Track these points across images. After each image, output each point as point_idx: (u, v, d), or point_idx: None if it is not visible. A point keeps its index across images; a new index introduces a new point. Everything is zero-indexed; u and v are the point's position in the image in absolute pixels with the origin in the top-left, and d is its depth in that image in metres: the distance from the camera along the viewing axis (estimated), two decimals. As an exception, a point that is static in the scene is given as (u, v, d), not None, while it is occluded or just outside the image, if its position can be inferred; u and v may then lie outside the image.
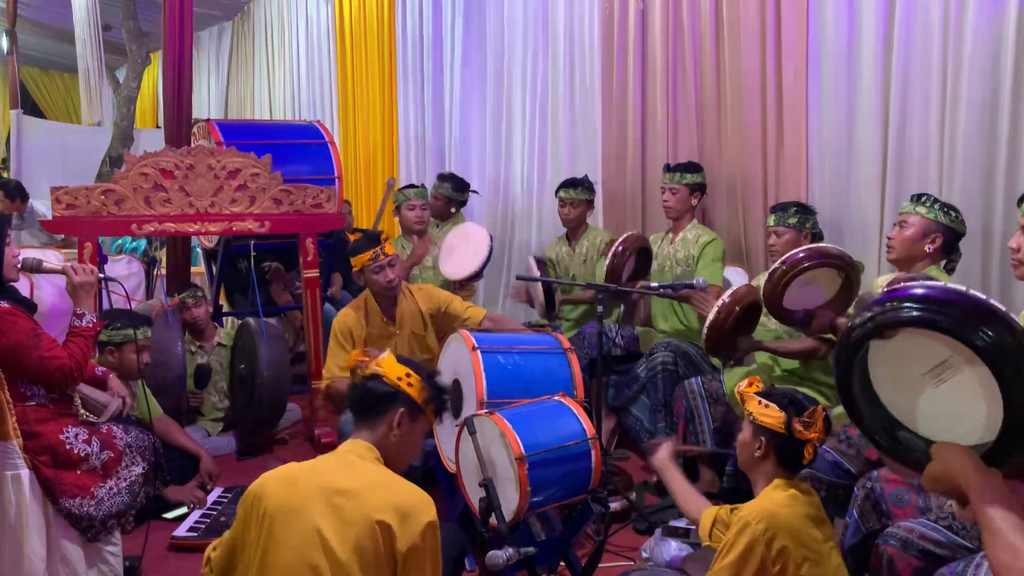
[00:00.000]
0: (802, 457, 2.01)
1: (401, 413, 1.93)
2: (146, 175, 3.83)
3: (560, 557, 2.71)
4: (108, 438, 2.71)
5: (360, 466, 1.85)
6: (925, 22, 3.38)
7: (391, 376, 1.95)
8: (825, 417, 2.04)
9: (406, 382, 1.95)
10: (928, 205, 2.81)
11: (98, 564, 2.65)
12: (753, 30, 4.03)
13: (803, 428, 2.00)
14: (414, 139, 6.72)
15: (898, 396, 1.44)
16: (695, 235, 3.99)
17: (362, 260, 3.44)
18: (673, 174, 4.02)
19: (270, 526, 1.75)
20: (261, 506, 1.78)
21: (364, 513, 1.72)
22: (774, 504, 1.98)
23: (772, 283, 2.89)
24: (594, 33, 4.96)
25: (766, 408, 2.05)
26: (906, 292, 1.37)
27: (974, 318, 1.29)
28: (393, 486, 1.82)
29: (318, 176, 4.66)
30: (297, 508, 1.75)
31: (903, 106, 3.49)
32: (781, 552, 1.90)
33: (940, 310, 1.32)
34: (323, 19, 7.77)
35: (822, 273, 2.88)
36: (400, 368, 1.97)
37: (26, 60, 11.57)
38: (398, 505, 1.75)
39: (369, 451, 1.89)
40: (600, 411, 3.41)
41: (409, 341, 3.55)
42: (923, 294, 1.35)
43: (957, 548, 1.98)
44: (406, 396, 1.94)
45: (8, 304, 2.51)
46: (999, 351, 1.26)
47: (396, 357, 2.00)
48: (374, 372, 1.96)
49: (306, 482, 1.80)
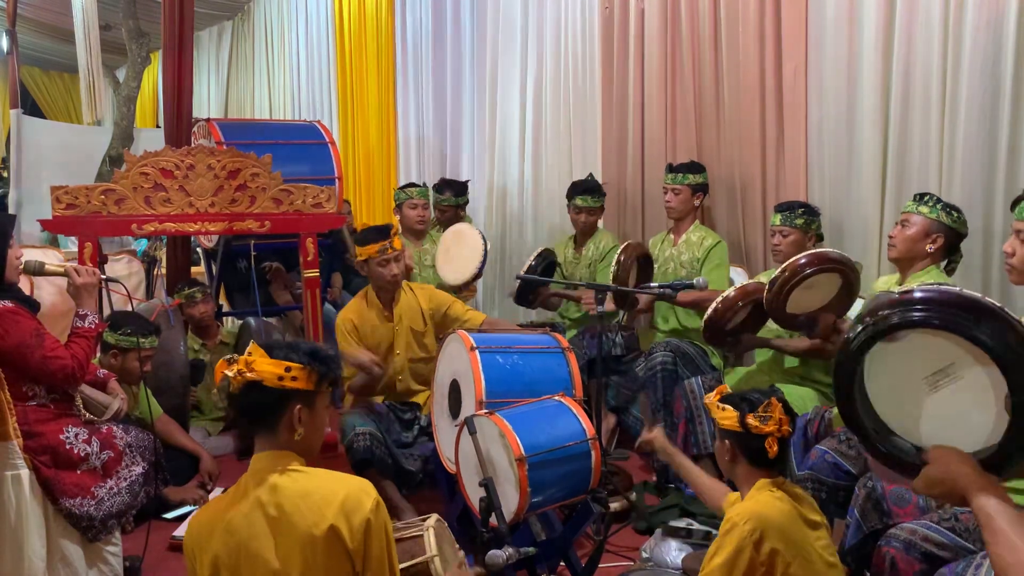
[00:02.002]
0: (766, 452, 2.02)
1: (298, 410, 1.73)
2: (146, 175, 3.82)
3: (560, 557, 2.71)
4: (108, 438, 2.71)
5: (282, 483, 1.69)
6: (925, 22, 3.38)
7: (271, 379, 1.69)
8: (786, 408, 2.05)
9: (289, 378, 1.70)
10: (931, 205, 2.81)
11: (98, 564, 2.66)
12: (753, 30, 4.03)
13: (758, 422, 2.02)
14: (413, 139, 6.72)
15: (893, 402, 1.45)
16: (699, 237, 3.97)
17: (369, 251, 3.42)
18: (676, 174, 4.00)
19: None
20: (206, 564, 1.69)
21: (308, 530, 1.64)
22: (759, 504, 1.99)
23: (775, 290, 2.91)
24: (594, 33, 4.96)
25: (723, 411, 2.09)
26: (910, 295, 1.38)
27: (979, 318, 1.30)
28: (321, 489, 1.69)
29: (318, 176, 4.66)
30: (245, 552, 1.67)
31: (903, 106, 3.49)
32: (769, 552, 1.90)
33: (949, 311, 1.33)
34: (323, 19, 7.77)
35: (823, 278, 2.90)
36: (276, 365, 1.70)
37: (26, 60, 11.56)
38: (336, 505, 1.66)
39: (281, 459, 1.73)
40: (600, 411, 3.41)
41: (407, 337, 3.55)
42: (925, 296, 1.36)
43: (960, 550, 1.98)
44: (295, 391, 1.72)
45: (11, 304, 2.52)
46: (1008, 350, 1.27)
47: (265, 347, 1.74)
48: (249, 380, 1.69)
49: (241, 522, 1.68)
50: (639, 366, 3.81)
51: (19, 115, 6.94)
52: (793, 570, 1.91)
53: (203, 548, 1.70)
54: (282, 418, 1.73)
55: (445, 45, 6.29)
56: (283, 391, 1.71)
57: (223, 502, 1.75)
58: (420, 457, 3.34)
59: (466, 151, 6.15)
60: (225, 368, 1.72)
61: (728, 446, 2.10)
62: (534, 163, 5.47)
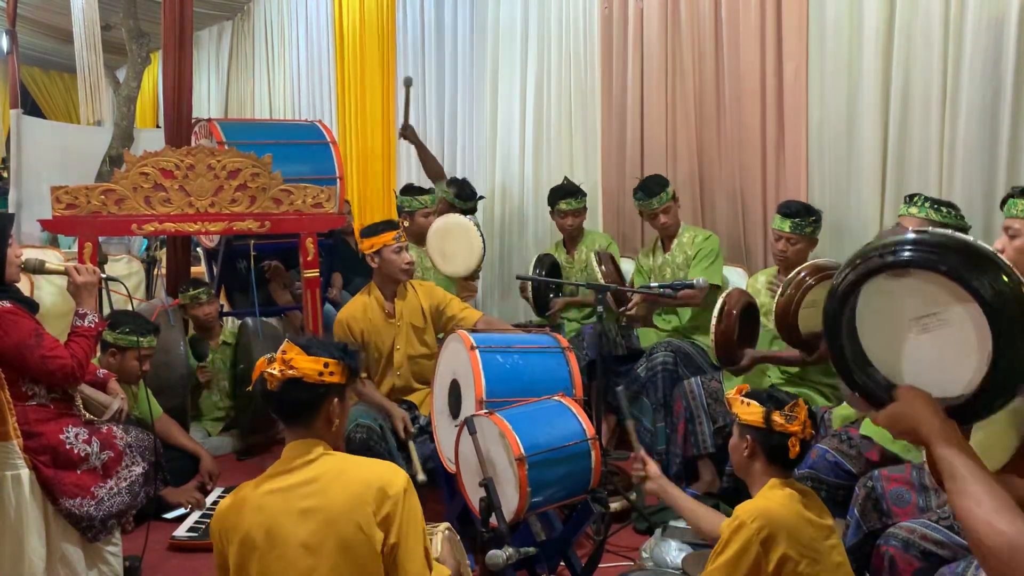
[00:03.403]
0: (788, 451, 2.00)
1: (335, 403, 1.84)
2: (146, 175, 3.82)
3: (560, 557, 2.71)
4: (108, 438, 2.71)
5: (318, 464, 1.78)
6: (926, 21, 3.38)
7: (312, 375, 1.78)
8: (809, 412, 2.04)
9: (328, 373, 1.79)
10: (919, 205, 2.81)
11: (98, 564, 2.66)
12: (753, 30, 4.03)
13: (784, 421, 2.00)
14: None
15: (879, 337, 1.45)
16: (690, 237, 3.98)
17: (384, 239, 3.44)
18: (659, 196, 3.89)
19: (252, 561, 1.72)
20: (235, 542, 1.74)
21: (341, 506, 1.71)
22: (769, 503, 1.98)
23: (784, 311, 2.93)
24: (594, 33, 4.95)
25: (748, 406, 2.07)
26: (906, 236, 1.38)
27: (974, 264, 1.30)
28: (355, 470, 1.78)
29: (319, 176, 4.65)
30: (277, 529, 1.72)
31: (903, 106, 3.49)
32: (776, 551, 1.90)
33: (939, 253, 1.33)
34: (323, 19, 7.76)
35: (820, 290, 2.93)
36: (315, 361, 1.79)
37: (26, 60, 11.54)
38: (370, 483, 1.73)
39: (315, 446, 1.81)
40: (600, 411, 3.41)
41: (408, 334, 3.55)
42: (919, 238, 1.36)
43: (958, 548, 1.98)
44: (332, 385, 1.82)
45: (10, 303, 2.52)
46: (999, 298, 1.27)
47: (302, 346, 1.81)
48: (291, 377, 1.78)
49: (273, 500, 1.75)
50: (640, 366, 3.81)
51: (19, 115, 6.93)
52: (802, 569, 1.91)
53: (234, 527, 1.75)
54: (320, 411, 1.82)
55: (445, 45, 6.29)
56: (322, 386, 1.79)
57: (253, 486, 1.81)
58: (421, 456, 3.34)
59: (466, 151, 6.15)
60: (266, 367, 1.79)
61: (749, 442, 2.07)
62: (534, 163, 5.47)
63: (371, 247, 3.48)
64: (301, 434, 1.83)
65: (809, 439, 2.05)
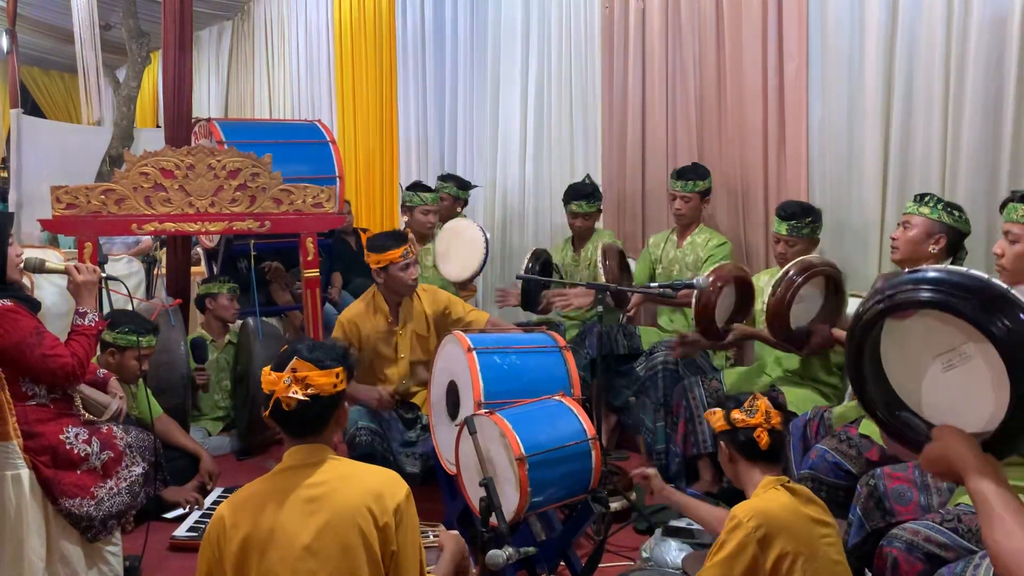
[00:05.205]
0: (756, 444, 2.07)
1: (343, 408, 1.89)
2: (146, 175, 3.82)
3: (560, 557, 2.70)
4: (108, 438, 2.71)
5: (322, 467, 1.79)
6: (928, 20, 3.37)
7: (327, 389, 1.79)
8: (774, 401, 2.11)
9: (339, 383, 1.82)
10: (931, 205, 2.80)
11: (98, 564, 2.65)
12: (753, 29, 4.03)
13: (744, 416, 2.09)
14: (414, 139, 6.70)
15: (906, 377, 1.45)
16: (704, 239, 3.96)
17: (391, 257, 3.38)
18: (685, 181, 3.92)
19: (252, 561, 1.71)
20: (236, 541, 1.72)
21: (343, 508, 1.72)
22: (764, 501, 2.00)
23: (776, 312, 2.93)
24: (594, 33, 4.95)
25: (714, 415, 2.18)
26: (923, 274, 1.38)
27: (991, 305, 1.30)
28: (359, 474, 1.80)
29: (319, 176, 4.65)
30: (279, 529, 1.72)
31: (906, 105, 3.48)
32: (774, 549, 1.90)
33: (956, 294, 1.33)
34: (323, 19, 7.76)
35: (811, 287, 2.94)
36: (328, 375, 1.79)
37: (26, 60, 11.54)
38: (371, 490, 1.75)
39: (318, 451, 1.82)
40: (600, 411, 3.40)
41: (411, 341, 3.54)
42: (938, 277, 1.36)
43: (962, 550, 1.97)
44: (342, 392, 1.85)
45: (11, 302, 2.51)
46: (1015, 340, 1.27)
47: (311, 358, 1.79)
48: (311, 394, 1.77)
49: (275, 501, 1.74)
50: (639, 364, 3.80)
51: (19, 115, 6.93)
52: (799, 567, 1.91)
53: (235, 526, 1.74)
54: (332, 419, 1.85)
55: (445, 45, 6.29)
56: (335, 396, 1.82)
57: (253, 488, 1.81)
58: (421, 456, 3.34)
59: (466, 151, 6.14)
60: (282, 390, 1.75)
61: (724, 448, 2.16)
62: (534, 163, 5.47)
63: (377, 263, 3.42)
64: (308, 440, 1.83)
65: (779, 428, 2.11)
